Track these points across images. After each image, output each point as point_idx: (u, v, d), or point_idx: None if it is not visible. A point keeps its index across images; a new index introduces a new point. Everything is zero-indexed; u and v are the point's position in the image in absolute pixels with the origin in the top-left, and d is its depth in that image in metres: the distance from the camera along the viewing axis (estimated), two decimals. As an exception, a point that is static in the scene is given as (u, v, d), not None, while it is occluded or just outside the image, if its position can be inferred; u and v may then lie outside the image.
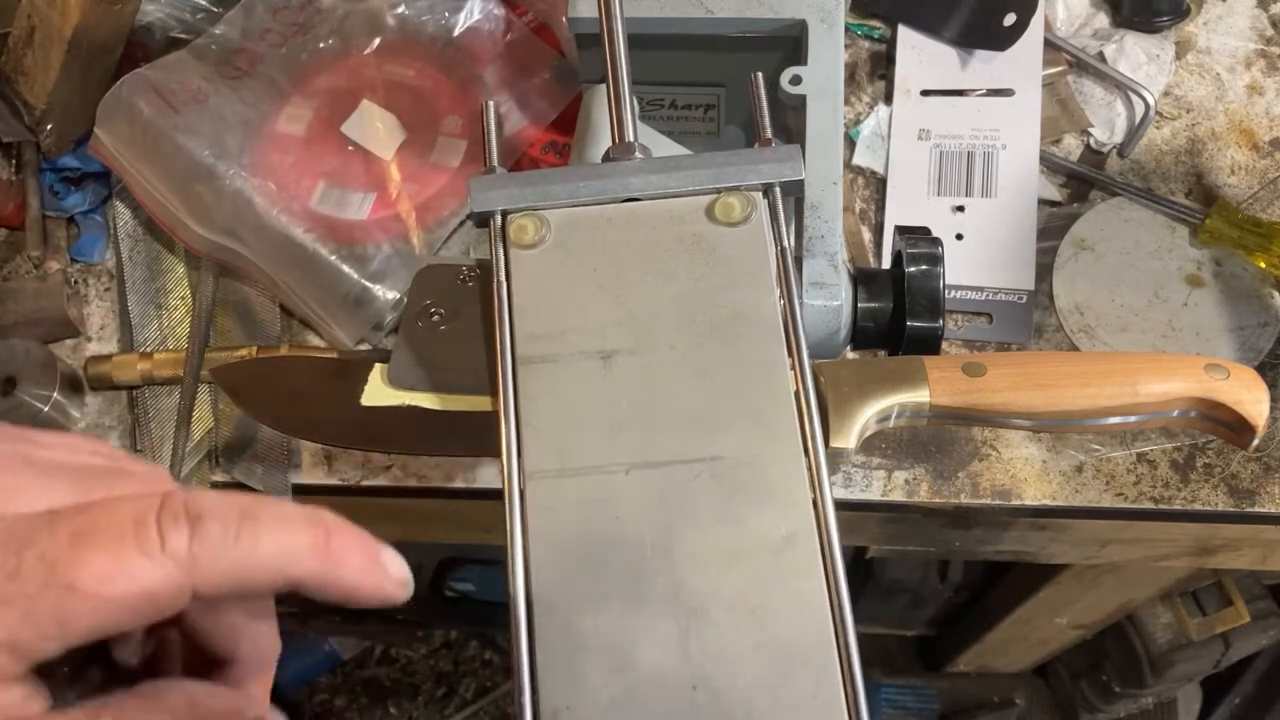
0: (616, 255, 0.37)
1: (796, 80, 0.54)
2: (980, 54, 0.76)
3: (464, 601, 1.48)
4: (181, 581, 0.25)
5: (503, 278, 0.37)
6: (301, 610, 1.47)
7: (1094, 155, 0.76)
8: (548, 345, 0.36)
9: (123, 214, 0.75)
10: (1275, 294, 0.71)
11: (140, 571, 0.24)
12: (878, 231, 0.74)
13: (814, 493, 0.33)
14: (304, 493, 0.71)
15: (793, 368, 0.35)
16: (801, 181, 0.40)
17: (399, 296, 0.66)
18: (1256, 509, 0.67)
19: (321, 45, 0.71)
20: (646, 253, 0.37)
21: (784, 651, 0.30)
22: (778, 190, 0.39)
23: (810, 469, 0.33)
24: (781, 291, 0.37)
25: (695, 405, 0.34)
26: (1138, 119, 0.75)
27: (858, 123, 0.77)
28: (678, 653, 0.30)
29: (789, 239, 0.38)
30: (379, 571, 0.27)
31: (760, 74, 0.44)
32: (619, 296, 0.36)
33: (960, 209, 0.74)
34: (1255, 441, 0.41)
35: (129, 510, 0.25)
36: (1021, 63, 0.75)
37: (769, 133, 0.42)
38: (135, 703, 0.26)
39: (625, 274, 0.37)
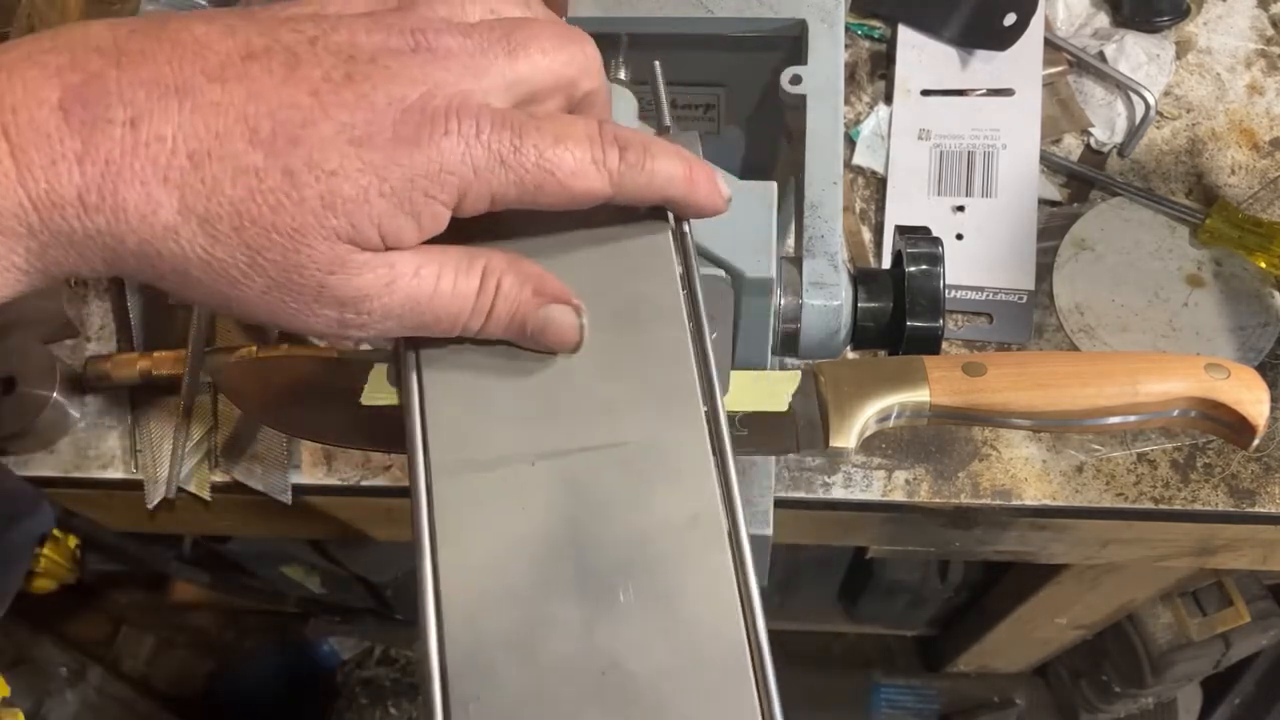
0: (517, 250, 0.37)
1: (796, 80, 0.54)
2: (980, 54, 0.76)
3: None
4: (606, 191, 0.33)
5: None
6: (302, 610, 1.47)
7: (1094, 155, 0.76)
8: (450, 341, 0.36)
9: (122, 214, 0.75)
10: (1275, 294, 0.71)
11: (592, 176, 0.32)
12: (878, 231, 0.74)
13: (719, 473, 0.33)
14: (304, 493, 0.71)
15: (696, 351, 0.35)
16: None
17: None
18: (1257, 509, 0.67)
19: (321, 45, 0.71)
20: (547, 245, 0.37)
21: (693, 632, 0.30)
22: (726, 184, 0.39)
23: (714, 451, 0.33)
24: (683, 277, 0.37)
25: (600, 393, 0.34)
26: (1138, 119, 0.75)
27: (858, 123, 0.77)
28: (587, 638, 0.30)
29: (688, 225, 0.38)
30: (716, 191, 0.36)
31: (658, 64, 0.44)
32: None
33: (960, 209, 0.74)
34: (1255, 441, 0.41)
35: (583, 129, 0.32)
36: (1021, 62, 0.75)
37: (667, 121, 0.42)
38: (504, 254, 0.34)
39: None
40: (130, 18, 0.31)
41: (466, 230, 0.33)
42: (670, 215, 0.37)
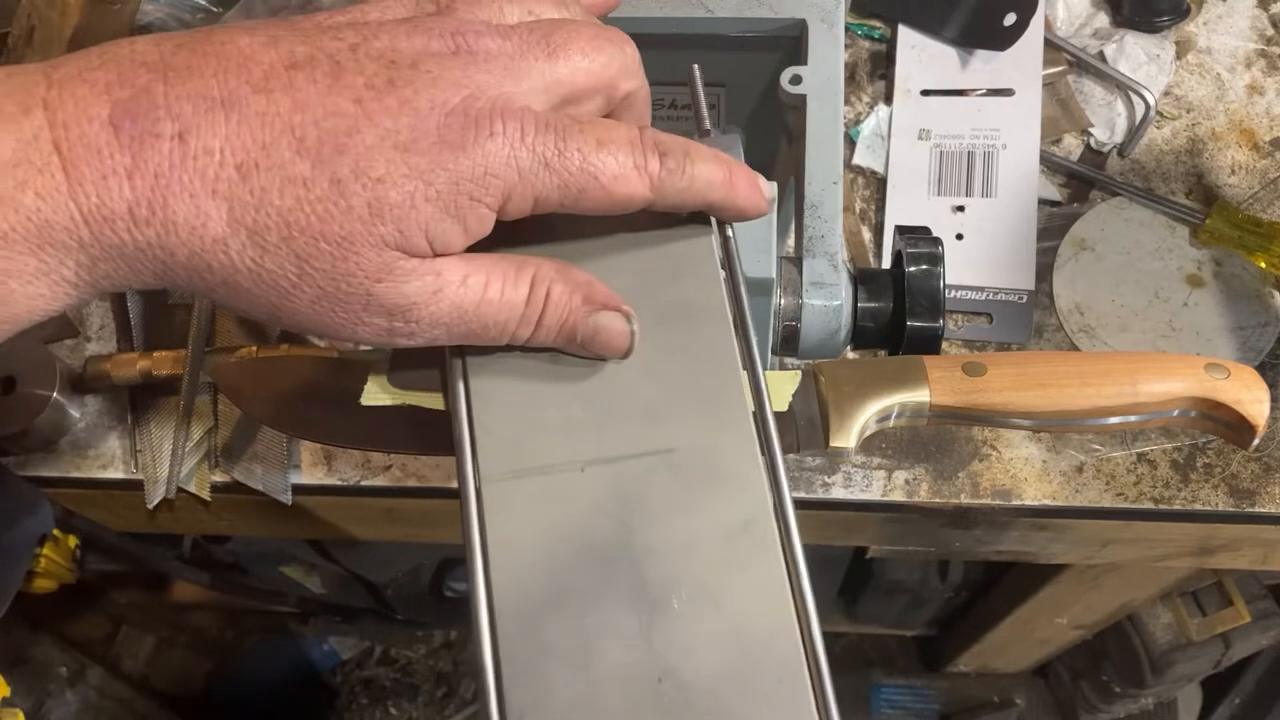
0: (561, 254, 0.37)
1: (796, 80, 0.54)
2: (980, 54, 0.76)
3: (464, 601, 1.47)
4: (647, 196, 0.33)
5: None
6: (302, 610, 1.47)
7: (1094, 155, 0.76)
8: (497, 346, 0.36)
9: (122, 214, 0.75)
10: (1275, 294, 0.71)
11: (634, 181, 0.32)
12: (878, 231, 0.74)
13: (769, 477, 0.33)
14: (304, 493, 0.71)
15: (742, 354, 0.35)
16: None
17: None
18: (1256, 509, 0.67)
19: (321, 45, 0.71)
20: (591, 249, 0.37)
21: (748, 639, 0.30)
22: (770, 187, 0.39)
23: (764, 453, 0.33)
24: (727, 280, 0.37)
25: (647, 398, 0.34)
26: (1138, 119, 0.75)
27: (858, 123, 0.77)
28: (641, 646, 0.30)
29: (731, 229, 0.38)
30: (758, 194, 0.36)
31: (696, 66, 0.44)
32: None
33: (960, 209, 0.74)
34: (1255, 441, 0.41)
35: (625, 134, 0.32)
36: (1021, 62, 0.75)
37: (707, 124, 0.42)
38: (553, 262, 0.34)
39: None
40: (176, 33, 0.31)
41: (510, 234, 0.33)
42: (713, 218, 0.37)
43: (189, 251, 0.29)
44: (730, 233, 0.37)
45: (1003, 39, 0.74)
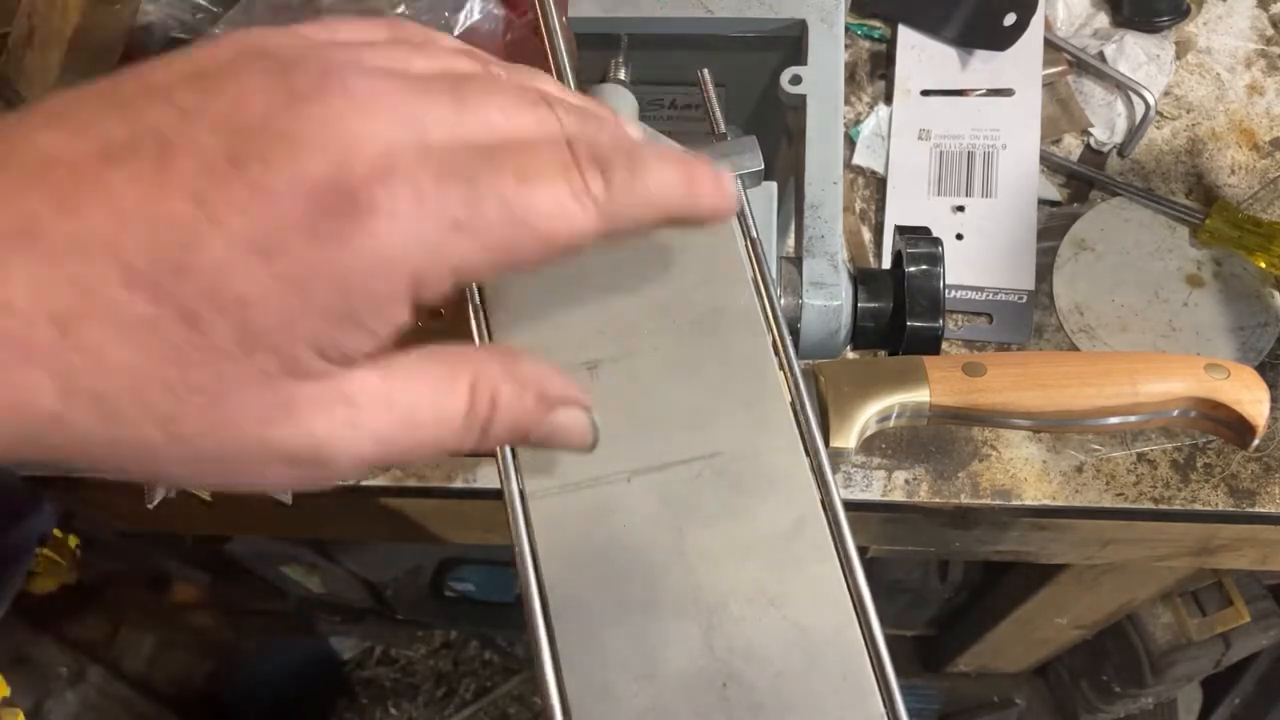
0: (588, 264, 0.37)
1: (796, 80, 0.54)
2: (980, 54, 0.76)
3: (464, 601, 1.48)
4: (599, 225, 0.26)
5: (478, 303, 0.37)
6: (302, 610, 1.47)
7: (1094, 155, 0.76)
8: None
9: (123, 214, 0.75)
10: (1275, 294, 0.71)
11: (576, 215, 0.25)
12: (878, 231, 0.74)
13: (816, 475, 0.33)
14: (304, 493, 0.71)
15: (777, 354, 0.35)
16: (761, 171, 0.40)
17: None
18: (1257, 509, 0.67)
19: (321, 45, 0.71)
20: (617, 258, 0.37)
21: (808, 638, 0.31)
22: (739, 182, 0.39)
23: (808, 453, 0.33)
24: (756, 281, 0.37)
25: (687, 404, 0.35)
26: (1138, 119, 0.75)
27: (858, 123, 0.77)
28: (703, 652, 0.30)
29: (756, 229, 0.38)
30: (722, 192, 0.29)
31: (705, 70, 0.44)
32: (595, 305, 0.37)
33: (960, 209, 0.74)
34: (1255, 441, 0.41)
35: (551, 155, 0.25)
36: (1021, 63, 0.75)
37: (723, 127, 0.42)
38: (497, 354, 0.29)
39: (599, 282, 0.37)
40: None
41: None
42: (735, 218, 0.37)
43: (18, 437, 0.22)
44: (756, 233, 0.37)
45: (1003, 39, 0.74)
